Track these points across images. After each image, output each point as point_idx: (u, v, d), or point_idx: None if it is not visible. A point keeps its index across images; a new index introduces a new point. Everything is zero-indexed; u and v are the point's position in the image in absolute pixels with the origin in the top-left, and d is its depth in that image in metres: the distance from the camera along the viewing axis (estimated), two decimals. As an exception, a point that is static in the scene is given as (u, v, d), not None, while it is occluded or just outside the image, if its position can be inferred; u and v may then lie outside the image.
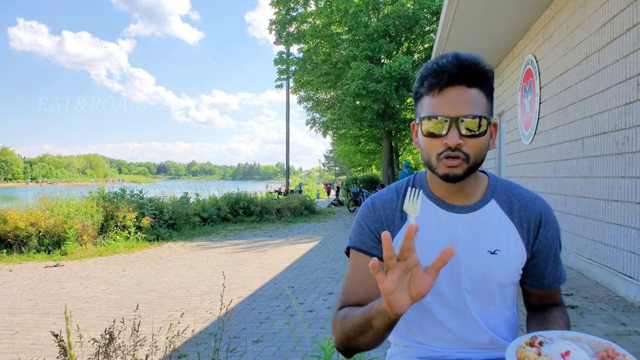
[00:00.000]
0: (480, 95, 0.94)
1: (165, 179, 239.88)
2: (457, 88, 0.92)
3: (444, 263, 0.76)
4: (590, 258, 4.64)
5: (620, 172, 4.01)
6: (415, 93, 1.00)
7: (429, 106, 0.94)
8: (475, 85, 0.93)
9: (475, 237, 1.01)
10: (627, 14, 3.90)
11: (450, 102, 0.92)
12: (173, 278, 5.74)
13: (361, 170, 35.16)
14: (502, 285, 1.03)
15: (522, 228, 1.03)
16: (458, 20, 6.59)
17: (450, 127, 0.91)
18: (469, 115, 0.91)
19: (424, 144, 0.97)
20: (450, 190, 1.02)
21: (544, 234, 1.04)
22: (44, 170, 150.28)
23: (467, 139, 0.92)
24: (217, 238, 9.80)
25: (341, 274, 5.69)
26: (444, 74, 0.92)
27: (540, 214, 1.05)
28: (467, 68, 0.92)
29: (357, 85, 15.52)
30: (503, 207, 1.04)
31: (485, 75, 0.94)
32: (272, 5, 19.20)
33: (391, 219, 1.06)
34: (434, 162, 0.95)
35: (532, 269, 1.07)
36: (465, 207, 1.03)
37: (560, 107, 5.49)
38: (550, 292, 1.10)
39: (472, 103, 0.92)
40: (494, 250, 1.01)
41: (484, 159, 0.97)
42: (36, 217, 8.03)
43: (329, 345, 1.91)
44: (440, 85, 0.92)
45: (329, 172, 65.51)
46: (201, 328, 3.68)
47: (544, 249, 1.05)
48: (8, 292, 5.16)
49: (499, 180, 1.09)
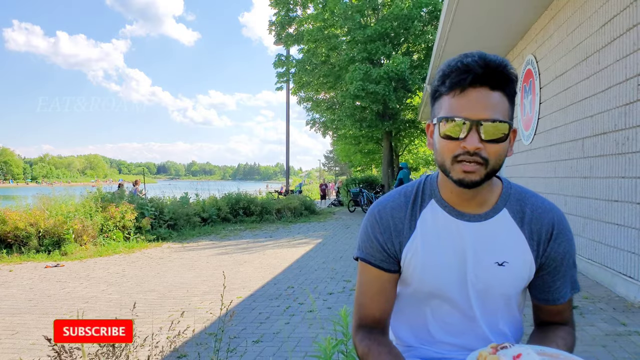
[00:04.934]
0: (503, 99, 0.89)
1: (165, 179, 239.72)
2: (480, 90, 0.87)
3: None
4: (591, 258, 4.64)
5: (620, 173, 4.01)
6: (434, 92, 0.95)
7: (449, 106, 0.89)
8: (499, 88, 0.88)
9: (484, 248, 0.98)
10: (627, 14, 3.90)
11: (472, 104, 0.87)
12: (173, 278, 5.74)
13: (361, 171, 35.14)
14: (508, 295, 1.02)
15: (532, 240, 0.99)
16: (458, 21, 6.59)
17: (470, 131, 0.86)
18: (491, 120, 0.86)
19: (440, 146, 0.91)
20: (462, 198, 0.98)
21: (553, 247, 1.00)
22: (44, 171, 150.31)
23: (486, 144, 0.87)
24: (217, 238, 9.80)
25: (341, 275, 5.69)
26: (468, 73, 0.86)
27: (553, 225, 1.00)
28: (493, 69, 0.87)
29: (356, 87, 15.54)
30: (514, 217, 1.00)
31: (511, 79, 0.89)
32: (271, 5, 19.20)
33: (400, 229, 1.03)
34: (449, 165, 0.91)
35: (538, 281, 1.03)
36: (476, 215, 0.99)
37: (560, 108, 5.49)
38: (557, 308, 1.05)
39: (495, 107, 0.87)
40: (502, 262, 0.98)
41: (502, 165, 0.93)
42: (36, 217, 8.03)
43: (329, 345, 1.91)
44: (463, 85, 0.87)
45: (329, 173, 65.49)
46: (201, 328, 3.68)
47: (552, 262, 1.00)
48: (8, 292, 5.16)
49: (513, 188, 1.04)
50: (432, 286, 1.01)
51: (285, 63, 19.81)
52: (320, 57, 18.67)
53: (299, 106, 22.57)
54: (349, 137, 22.65)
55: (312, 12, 18.71)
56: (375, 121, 17.56)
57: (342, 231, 10.86)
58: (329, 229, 11.28)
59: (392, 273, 1.04)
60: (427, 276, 1.01)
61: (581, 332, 3.13)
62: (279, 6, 19.11)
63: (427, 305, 1.05)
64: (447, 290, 1.01)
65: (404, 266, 1.03)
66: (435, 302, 1.04)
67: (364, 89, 15.59)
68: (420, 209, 1.03)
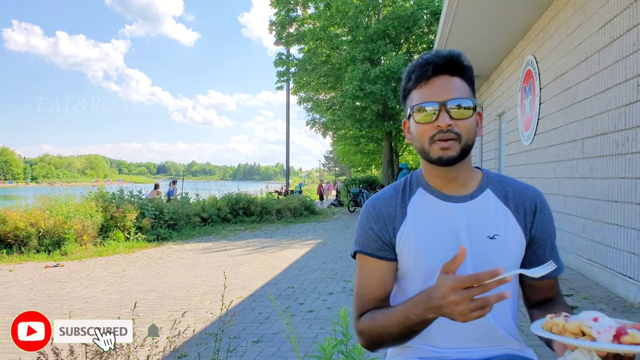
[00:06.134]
0: (463, 84, 1.01)
1: (165, 179, 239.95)
2: (442, 77, 1.00)
3: (460, 263, 0.84)
4: (590, 259, 4.65)
5: (620, 173, 4.01)
6: (404, 91, 1.07)
7: (418, 96, 1.01)
8: (458, 74, 1.01)
9: (474, 224, 1.04)
10: (627, 14, 3.90)
11: (437, 90, 0.99)
12: (173, 278, 5.74)
13: (361, 171, 35.15)
14: None
15: (519, 214, 1.07)
16: (458, 21, 6.60)
17: (440, 112, 0.98)
18: (456, 99, 0.98)
19: (417, 132, 1.02)
20: (446, 180, 1.06)
21: (540, 220, 1.08)
22: (44, 171, 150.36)
23: (456, 121, 0.98)
24: (217, 238, 9.80)
25: (341, 275, 5.69)
26: (429, 65, 0.99)
27: (535, 200, 1.09)
28: (449, 59, 1.00)
29: (354, 87, 15.55)
30: (498, 195, 1.08)
31: (465, 66, 1.02)
32: (271, 5, 19.20)
33: (392, 216, 1.09)
34: (427, 146, 1.00)
35: (532, 257, 1.09)
36: (461, 196, 1.07)
37: (560, 108, 5.49)
38: (550, 283, 1.12)
39: (457, 89, 0.99)
40: (492, 236, 1.04)
41: (474, 141, 1.03)
42: (36, 217, 8.04)
43: (329, 345, 1.91)
44: (427, 76, 1.00)
45: (329, 173, 65.48)
46: (201, 328, 3.68)
47: (541, 235, 1.08)
48: (8, 292, 5.16)
49: (492, 173, 1.14)
50: (427, 268, 1.03)
51: (286, 62, 19.82)
52: (320, 57, 18.68)
53: (299, 106, 22.61)
54: (349, 137, 22.67)
55: (312, 12, 18.73)
56: (375, 121, 17.57)
57: (342, 231, 10.86)
58: (329, 229, 11.28)
59: (389, 261, 1.08)
60: (422, 258, 1.04)
61: (581, 333, 3.14)
62: (279, 6, 19.12)
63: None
64: None
65: (399, 251, 1.07)
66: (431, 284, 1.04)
67: (362, 89, 15.60)
68: (409, 197, 1.10)
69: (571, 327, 0.79)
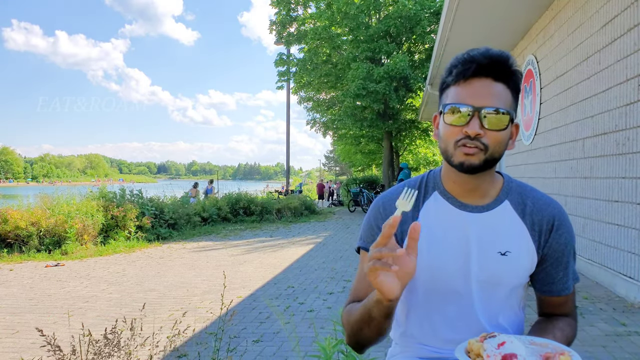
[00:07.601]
0: (506, 91, 0.93)
1: (165, 178, 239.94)
2: (484, 80, 0.92)
3: (416, 240, 0.81)
4: (591, 258, 4.65)
5: (620, 173, 4.01)
6: (442, 83, 0.99)
7: (454, 95, 0.94)
8: (502, 80, 0.93)
9: (487, 238, 1.00)
10: (627, 14, 3.90)
11: (475, 92, 0.91)
12: (173, 278, 5.74)
13: (361, 171, 35.14)
14: (510, 287, 1.02)
15: (534, 230, 1.02)
16: (458, 21, 6.59)
17: (472, 117, 0.90)
18: (493, 107, 0.90)
19: (444, 132, 0.96)
20: (464, 188, 1.01)
21: (555, 238, 1.02)
22: (44, 170, 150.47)
23: (487, 131, 0.91)
24: (217, 238, 9.80)
25: (341, 274, 5.70)
26: (472, 63, 0.92)
27: (553, 217, 1.03)
28: (496, 61, 0.91)
29: (357, 86, 15.53)
30: (516, 209, 1.03)
31: (513, 72, 0.93)
32: (272, 5, 19.19)
33: (403, 219, 1.04)
34: (451, 150, 0.94)
35: (541, 274, 1.05)
36: (478, 207, 1.02)
37: (561, 108, 5.49)
38: (560, 300, 1.07)
39: (497, 96, 0.91)
40: (504, 252, 0.99)
41: (502, 155, 0.96)
42: (37, 216, 8.04)
43: (329, 345, 1.91)
44: (467, 74, 0.92)
45: (329, 173, 65.49)
46: (201, 328, 3.68)
47: (554, 254, 1.03)
48: (9, 291, 5.17)
49: (514, 182, 1.08)
50: (434, 276, 1.02)
51: (287, 62, 19.80)
52: (321, 57, 18.67)
53: (299, 106, 22.60)
54: (350, 137, 22.66)
55: (313, 12, 18.72)
56: (375, 121, 17.56)
57: (343, 231, 10.86)
58: (329, 229, 11.28)
59: None
60: (430, 266, 1.01)
61: (581, 333, 3.14)
62: (280, 5, 19.10)
63: (429, 297, 1.05)
64: (449, 279, 1.01)
65: None
66: (436, 293, 1.04)
67: (365, 88, 15.58)
68: (423, 200, 1.06)
69: (475, 348, 0.83)
